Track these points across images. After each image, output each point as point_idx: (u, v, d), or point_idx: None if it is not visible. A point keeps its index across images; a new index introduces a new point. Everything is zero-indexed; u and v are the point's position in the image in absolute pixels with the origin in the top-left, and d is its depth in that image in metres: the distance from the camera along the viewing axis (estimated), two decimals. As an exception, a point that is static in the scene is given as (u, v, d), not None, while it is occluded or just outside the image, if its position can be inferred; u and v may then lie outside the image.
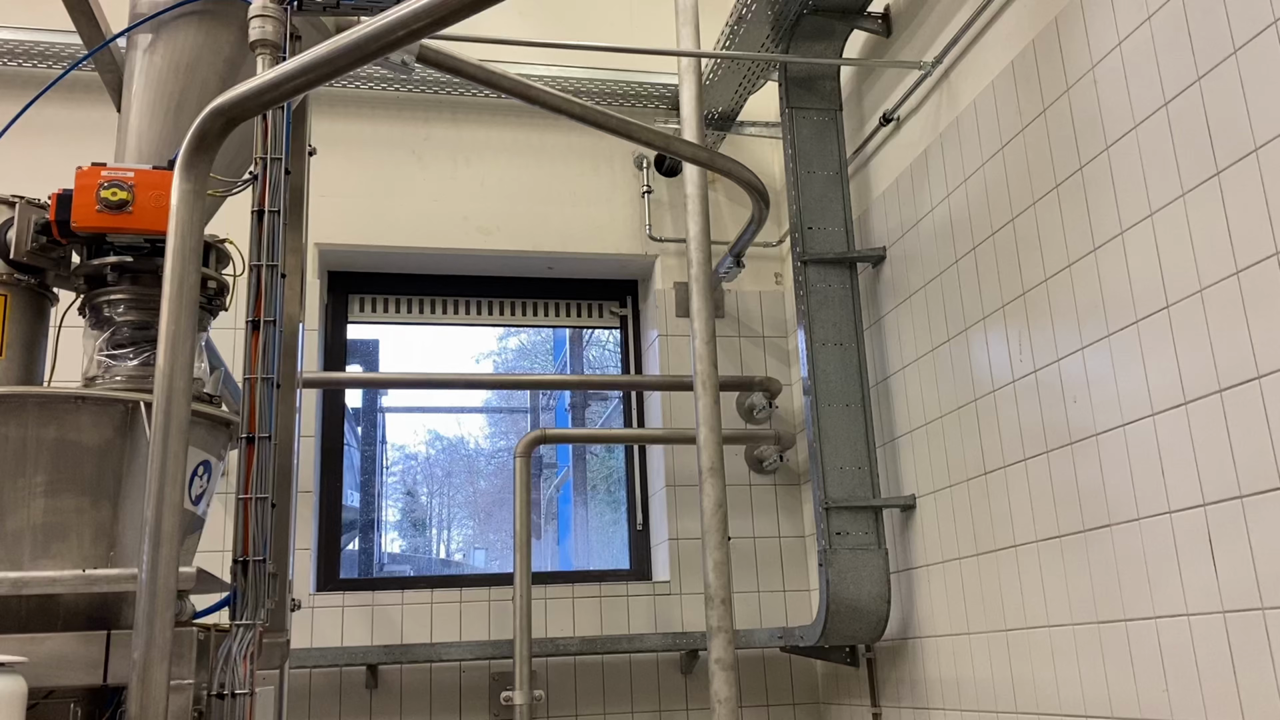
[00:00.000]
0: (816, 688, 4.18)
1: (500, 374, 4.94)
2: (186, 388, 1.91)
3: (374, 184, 4.39)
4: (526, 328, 5.09)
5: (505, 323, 4.80)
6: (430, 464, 6.11)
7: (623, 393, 4.73)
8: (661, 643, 3.96)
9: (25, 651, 1.80)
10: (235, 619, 2.04)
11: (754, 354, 4.48)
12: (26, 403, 2.09)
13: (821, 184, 3.86)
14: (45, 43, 4.03)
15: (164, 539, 1.82)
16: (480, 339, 5.85)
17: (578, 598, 4.14)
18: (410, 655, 3.83)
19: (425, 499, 6.14)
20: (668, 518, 4.26)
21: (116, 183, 2.17)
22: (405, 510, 5.88)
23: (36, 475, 2.09)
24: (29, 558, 2.06)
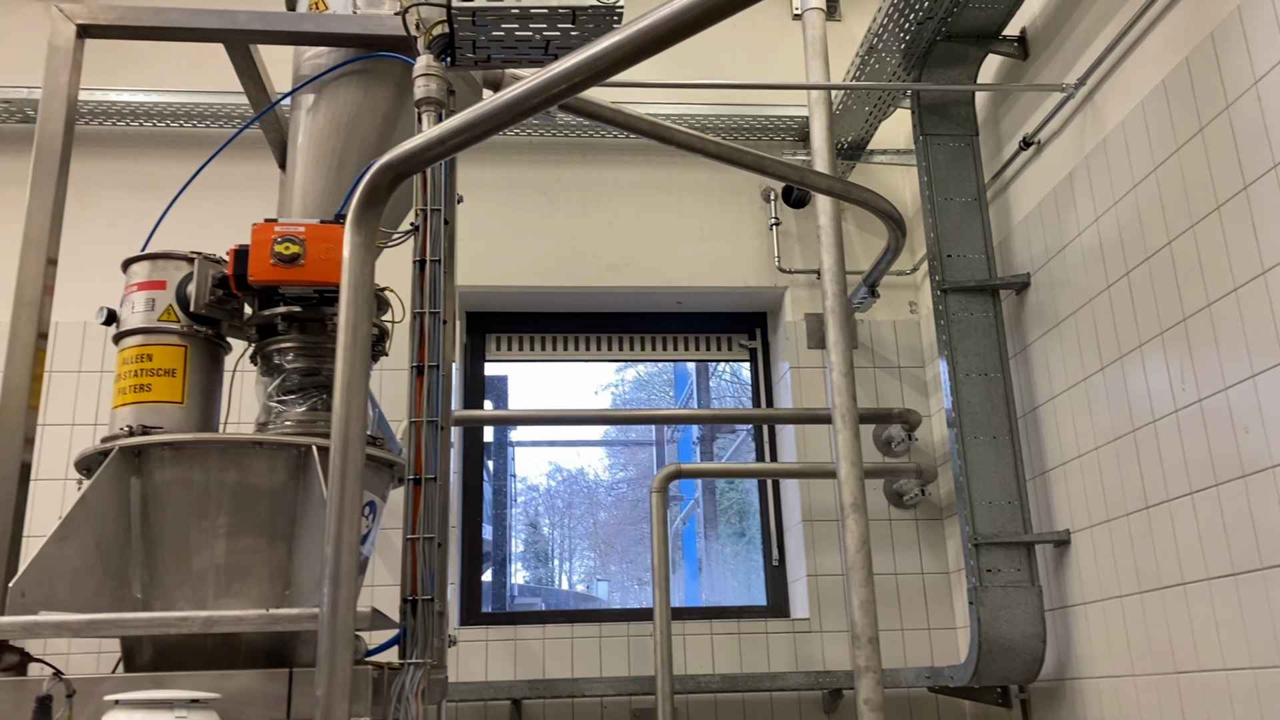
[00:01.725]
0: (965, 729, 4.05)
1: (638, 409, 4.98)
2: (361, 433, 1.98)
3: (509, 226, 4.50)
4: (656, 362, 5.11)
5: (635, 357, 4.85)
6: (551, 495, 6.18)
7: (754, 426, 4.71)
8: (804, 681, 3.90)
9: (216, 688, 1.88)
10: (406, 657, 2.09)
11: (890, 385, 4.40)
12: (209, 449, 2.21)
13: (959, 211, 3.79)
14: (204, 104, 4.29)
15: (343, 579, 1.89)
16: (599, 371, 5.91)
17: (716, 634, 4.11)
18: (553, 690, 3.86)
19: (547, 530, 6.21)
20: (805, 553, 4.21)
21: (289, 237, 2.28)
22: (528, 542, 5.96)
23: (219, 517, 2.20)
24: (213, 596, 2.17)
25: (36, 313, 2.27)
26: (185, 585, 2.15)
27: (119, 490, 2.16)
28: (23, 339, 2.25)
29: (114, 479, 2.16)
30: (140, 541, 2.19)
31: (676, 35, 1.72)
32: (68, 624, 1.94)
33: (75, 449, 3.98)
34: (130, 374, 2.39)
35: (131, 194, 4.35)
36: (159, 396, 2.37)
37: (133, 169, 4.43)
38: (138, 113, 4.33)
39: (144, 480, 2.20)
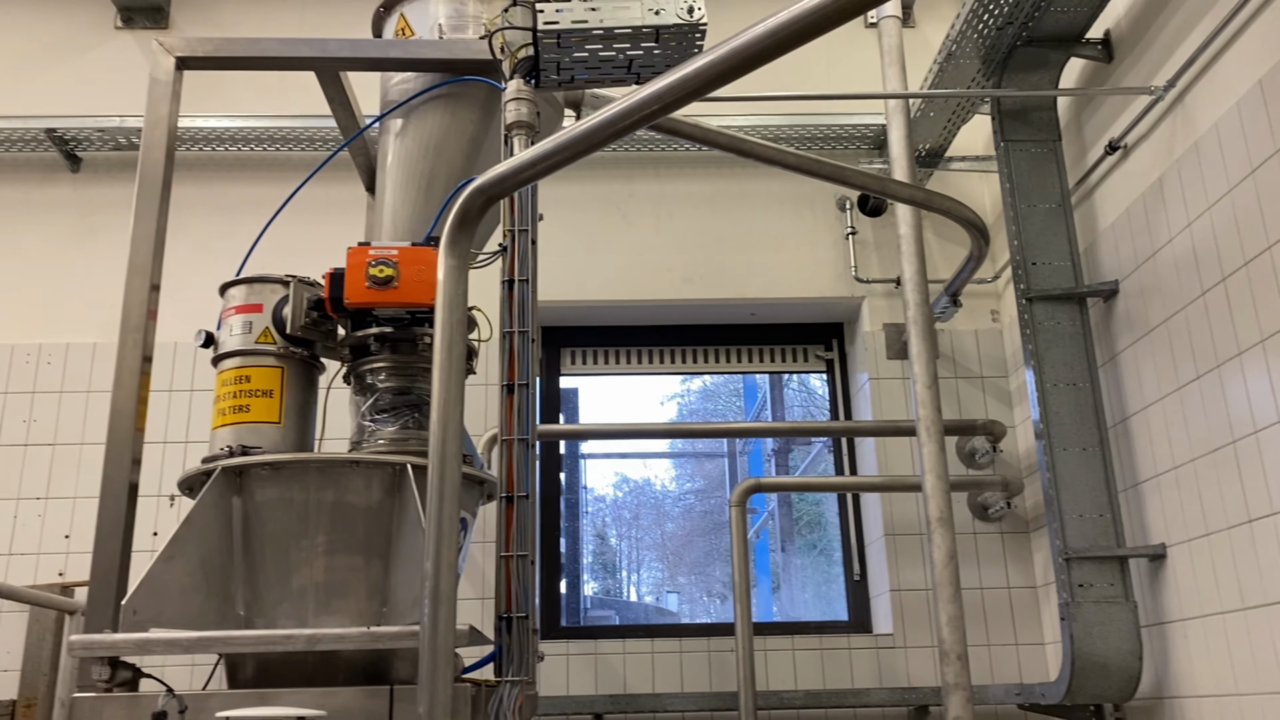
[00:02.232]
0: (1057, 748, 3.95)
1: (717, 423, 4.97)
2: (457, 452, 2.01)
3: (582, 241, 4.53)
4: (731, 374, 5.09)
5: (710, 370, 4.84)
6: (618, 507, 6.19)
7: (832, 439, 4.66)
8: (889, 698, 3.85)
9: (320, 705, 1.92)
10: (502, 675, 2.11)
11: (972, 395, 4.33)
12: (308, 468, 2.25)
13: (1042, 217, 3.72)
14: (287, 128, 4.39)
15: (442, 598, 1.91)
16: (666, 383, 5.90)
17: (798, 650, 4.08)
18: (635, 705, 3.86)
19: (614, 542, 6.21)
20: (888, 568, 4.15)
21: (383, 260, 2.32)
22: (596, 553, 5.97)
23: (317, 535, 2.24)
24: (313, 613, 2.21)
25: (142, 337, 2.35)
26: (286, 602, 2.20)
27: (222, 510, 2.22)
28: (129, 363, 2.32)
29: (217, 499, 2.21)
30: (242, 559, 2.24)
31: (770, 54, 1.72)
32: (179, 641, 2.00)
33: (167, 467, 4.12)
34: (229, 395, 2.46)
35: (217, 217, 4.47)
36: (257, 417, 2.42)
37: (219, 193, 4.55)
38: (223, 138, 4.46)
39: (245, 500, 2.26)
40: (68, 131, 4.40)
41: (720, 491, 5.71)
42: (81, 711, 1.95)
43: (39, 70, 4.70)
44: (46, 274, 4.43)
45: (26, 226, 4.51)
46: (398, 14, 2.76)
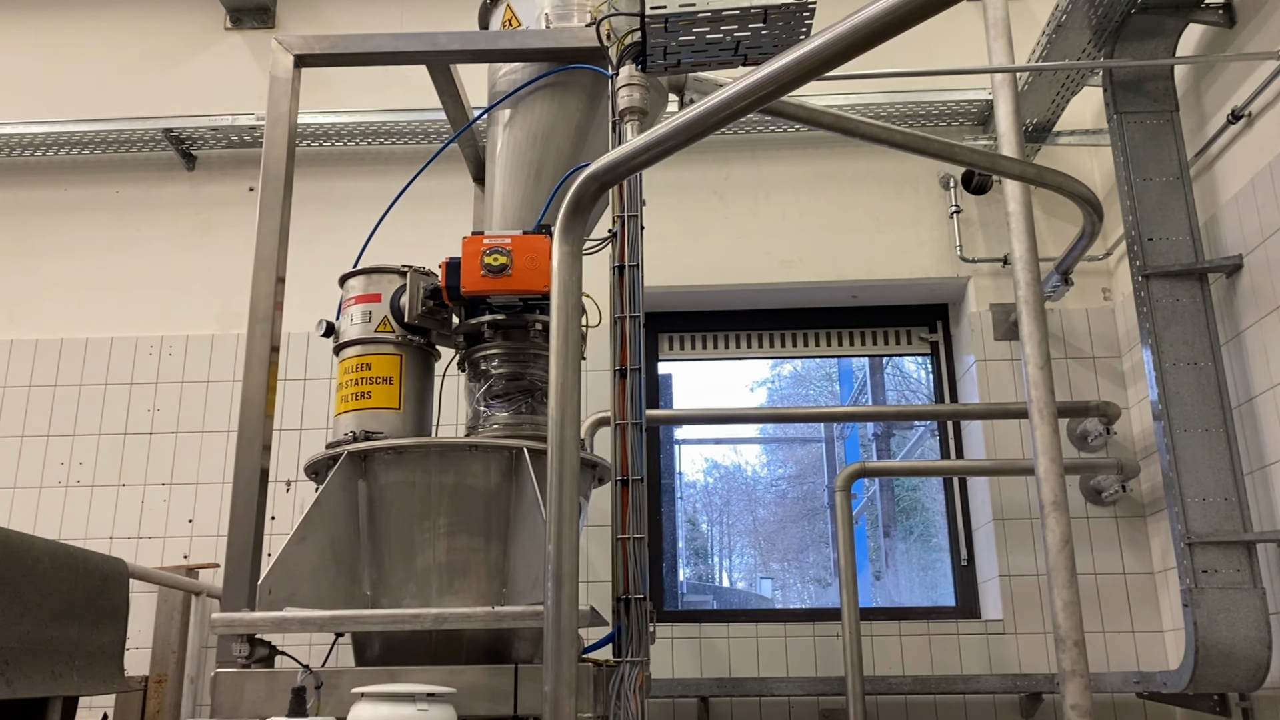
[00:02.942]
0: (1177, 738, 3.84)
1: (822, 407, 4.91)
2: (575, 435, 2.04)
3: (679, 226, 4.54)
4: (832, 358, 5.04)
5: (810, 354, 4.80)
6: (709, 493, 6.19)
7: (937, 422, 4.59)
8: (1000, 684, 3.78)
9: (447, 682, 1.97)
10: (621, 655, 2.14)
11: (1084, 376, 4.21)
12: (429, 452, 2.31)
13: (1159, 191, 3.59)
14: (390, 122, 4.49)
15: (565, 578, 1.94)
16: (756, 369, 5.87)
17: (905, 635, 4.03)
18: (741, 689, 3.87)
19: (706, 528, 6.21)
20: (997, 553, 4.07)
21: (497, 249, 2.36)
22: (688, 539, 5.98)
23: (439, 518, 2.30)
24: (436, 593, 2.27)
25: (269, 328, 2.43)
26: (410, 582, 2.26)
27: (348, 493, 2.29)
28: (258, 353, 2.41)
29: (344, 482, 2.29)
30: (368, 541, 2.31)
31: (890, 30, 1.70)
32: (313, 620, 2.07)
33: (282, 454, 4.27)
34: (351, 382, 2.53)
35: (326, 211, 4.60)
36: (378, 403, 2.49)
37: (326, 188, 4.68)
38: (330, 133, 4.58)
39: (370, 483, 2.33)
40: (183, 131, 4.57)
41: (813, 477, 5.66)
42: (223, 686, 2.04)
43: (154, 72, 4.89)
44: (165, 269, 4.62)
45: (146, 224, 4.71)
46: (504, 6, 2.80)
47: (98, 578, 3.34)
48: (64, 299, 4.61)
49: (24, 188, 4.78)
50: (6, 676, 2.84)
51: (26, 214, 4.75)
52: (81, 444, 4.40)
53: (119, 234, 4.70)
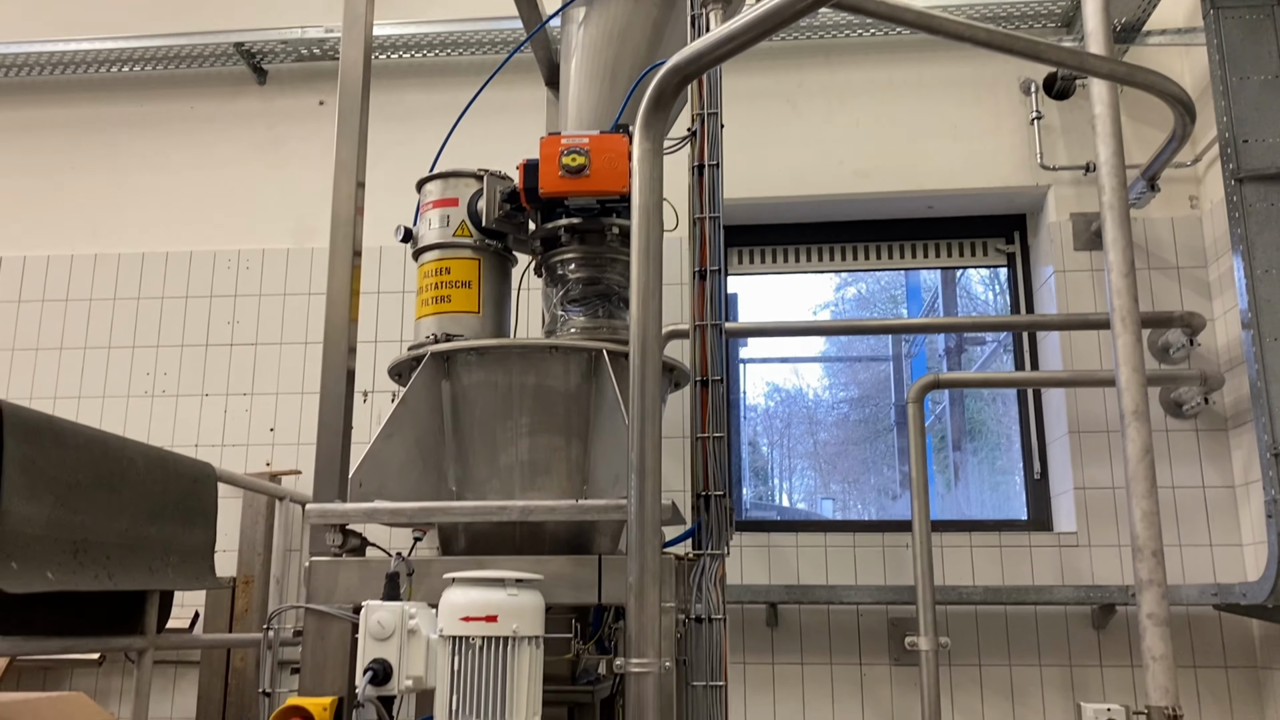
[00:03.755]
0: (1253, 650, 3.80)
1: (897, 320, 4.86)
2: (658, 334, 2.04)
3: (750, 136, 4.46)
4: (906, 270, 4.96)
5: (883, 266, 4.74)
6: (769, 416, 6.19)
7: (1012, 335, 4.51)
8: (1073, 595, 3.77)
9: (534, 571, 2.01)
10: (702, 549, 2.17)
11: (1166, 287, 4.09)
12: (510, 353, 2.34)
13: (1257, 90, 3.43)
14: (458, 32, 4.46)
15: (648, 472, 1.97)
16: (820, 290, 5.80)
17: (975, 546, 4.03)
18: (810, 596, 3.91)
19: (766, 450, 6.23)
20: (1071, 466, 4.03)
21: (574, 149, 2.35)
22: (749, 461, 6.00)
23: (521, 417, 2.33)
24: (519, 490, 2.31)
25: (351, 231, 2.46)
26: (494, 479, 2.31)
27: (432, 392, 2.34)
28: (341, 256, 2.45)
29: (428, 382, 2.33)
30: (452, 439, 2.36)
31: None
32: (403, 510, 2.13)
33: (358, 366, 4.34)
34: (431, 286, 2.56)
35: (392, 125, 4.60)
36: (458, 307, 2.52)
37: (393, 101, 4.67)
38: (396, 45, 4.56)
39: (453, 383, 2.36)
40: (254, 44, 4.59)
41: (876, 400, 5.62)
42: (318, 573, 2.12)
43: (224, -12, 4.90)
44: (240, 184, 4.69)
45: (220, 139, 4.77)
46: (577, -99, 2.74)
47: (188, 480, 3.47)
48: (143, 214, 4.71)
49: (102, 104, 4.85)
50: (108, 570, 2.98)
51: (105, 130, 4.83)
52: (165, 355, 4.53)
53: (194, 149, 4.76)
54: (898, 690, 3.94)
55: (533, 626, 1.87)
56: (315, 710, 2.00)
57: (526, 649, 1.85)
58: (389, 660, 1.84)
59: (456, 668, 1.81)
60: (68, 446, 2.88)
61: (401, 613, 1.87)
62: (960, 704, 3.88)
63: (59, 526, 2.79)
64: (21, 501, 2.66)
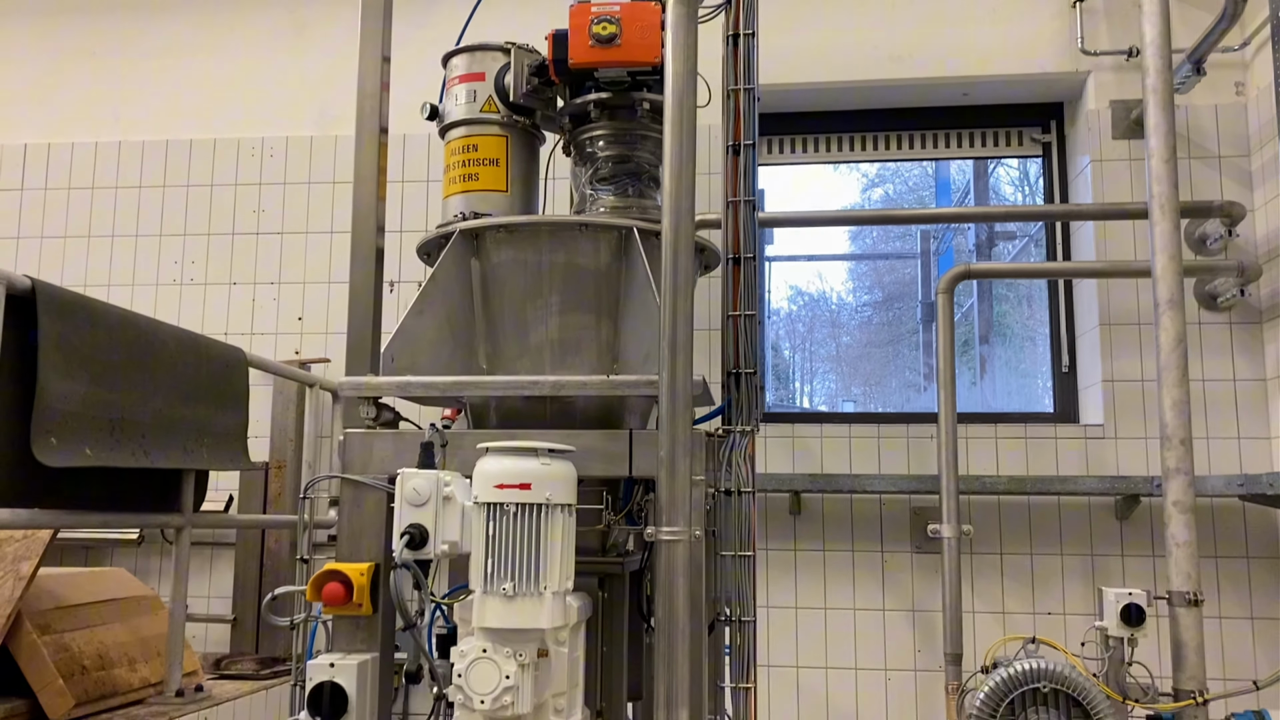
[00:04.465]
0: (1276, 541, 3.82)
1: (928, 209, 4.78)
2: (690, 208, 2.02)
3: (777, 17, 4.33)
4: (939, 160, 4.86)
5: (915, 156, 4.64)
6: (792, 320, 6.16)
7: (1044, 230, 4.44)
8: (1098, 486, 3.78)
9: (567, 444, 2.03)
10: (732, 425, 2.18)
11: (1207, 176, 4.00)
12: (540, 230, 2.32)
13: (1314, -33, 3.28)
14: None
15: (680, 347, 1.97)
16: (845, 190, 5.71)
17: (1001, 438, 4.03)
18: (833, 485, 3.95)
19: (789, 354, 6.22)
20: (1101, 359, 4.00)
21: (605, 18, 2.28)
22: (771, 364, 5.99)
23: (551, 296, 2.32)
24: (549, 368, 2.32)
25: (378, 106, 2.42)
26: (524, 358, 2.31)
27: (462, 270, 2.33)
28: (368, 129, 2.41)
29: (457, 259, 2.32)
30: (482, 318, 2.36)
31: None
32: (435, 384, 2.15)
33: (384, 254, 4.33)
34: (458, 164, 2.53)
35: (409, 8, 4.50)
36: (486, 185, 2.49)
37: (416, -16, 4.56)
38: (419, -75, 4.42)
39: (482, 261, 2.35)
40: (272, -75, 4.47)
41: (900, 302, 5.57)
42: (353, 445, 2.14)
43: None
44: (261, 70, 4.62)
45: (240, 23, 4.68)
46: None
47: (220, 363, 3.50)
48: (165, 100, 4.66)
49: (119, -13, 4.76)
50: (145, 448, 3.04)
51: (127, 13, 4.75)
52: (192, 244, 4.53)
53: (215, 34, 4.68)
54: (919, 576, 4.00)
55: (565, 495, 1.90)
56: (353, 575, 2.05)
57: (559, 516, 1.88)
58: (425, 526, 1.87)
59: (491, 533, 1.84)
60: (100, 326, 2.91)
61: (437, 480, 1.89)
62: (980, 590, 3.94)
63: (96, 404, 2.84)
64: (58, 378, 2.70)
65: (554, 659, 1.93)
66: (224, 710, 3.21)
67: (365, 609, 2.04)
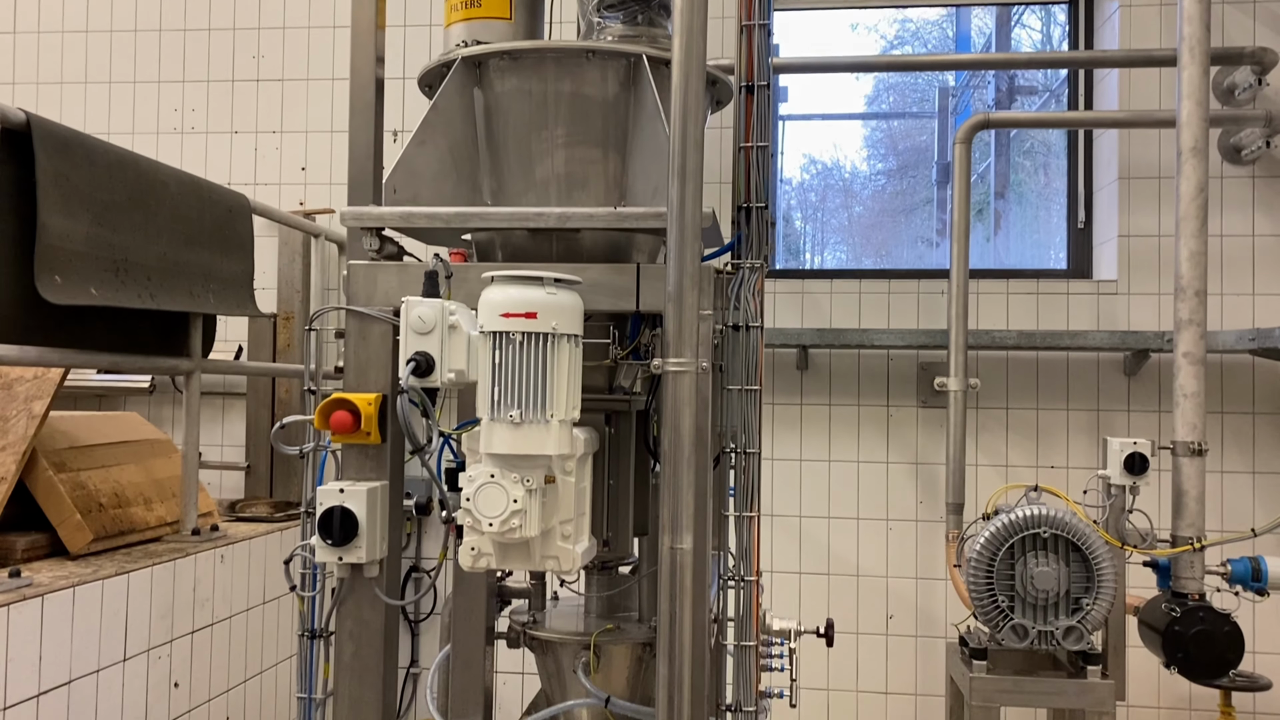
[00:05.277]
0: (1283, 398, 3.83)
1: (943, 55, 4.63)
2: (702, 29, 1.93)
3: None
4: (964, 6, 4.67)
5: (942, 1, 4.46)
6: (804, 190, 6.05)
7: (1067, 82, 4.30)
8: (1108, 341, 3.76)
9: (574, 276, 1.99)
10: (741, 259, 2.14)
11: (1238, 22, 3.84)
12: (545, 57, 2.23)
13: None
14: None
15: (689, 175, 1.91)
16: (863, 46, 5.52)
17: (1012, 293, 4.00)
18: (841, 339, 3.93)
19: (800, 224, 6.13)
20: (1118, 213, 3.93)
21: None
22: (782, 235, 5.91)
23: (557, 128, 2.25)
24: (555, 203, 2.27)
25: (376, -75, 2.30)
26: (530, 193, 2.26)
27: (465, 99, 2.25)
28: (366, -47, 2.30)
29: (459, 88, 2.24)
30: (486, 151, 2.30)
31: None
32: (439, 214, 2.11)
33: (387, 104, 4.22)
34: (460, -9, 2.42)
35: None
36: (489, 12, 2.39)
37: None
38: None
39: (486, 91, 2.28)
40: None
41: (915, 170, 5.45)
42: (356, 276, 2.12)
43: None
44: (256, -93, 4.42)
45: None
46: None
47: (223, 209, 3.46)
48: (157, -61, 4.48)
49: None
50: (150, 290, 3.03)
51: None
52: (192, 90, 4.42)
53: None
54: (923, 430, 4.02)
55: (571, 325, 1.88)
56: (361, 404, 2.05)
57: (565, 346, 1.86)
58: (430, 354, 1.86)
59: (497, 362, 1.83)
60: (99, 164, 2.86)
61: (442, 308, 1.87)
62: (985, 444, 3.97)
63: (98, 244, 2.81)
64: (58, 216, 2.67)
65: (561, 487, 1.95)
66: (240, 549, 3.29)
67: (374, 438, 2.05)
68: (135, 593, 2.78)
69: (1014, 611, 2.91)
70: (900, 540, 4.01)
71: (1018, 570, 2.91)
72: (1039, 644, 2.90)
